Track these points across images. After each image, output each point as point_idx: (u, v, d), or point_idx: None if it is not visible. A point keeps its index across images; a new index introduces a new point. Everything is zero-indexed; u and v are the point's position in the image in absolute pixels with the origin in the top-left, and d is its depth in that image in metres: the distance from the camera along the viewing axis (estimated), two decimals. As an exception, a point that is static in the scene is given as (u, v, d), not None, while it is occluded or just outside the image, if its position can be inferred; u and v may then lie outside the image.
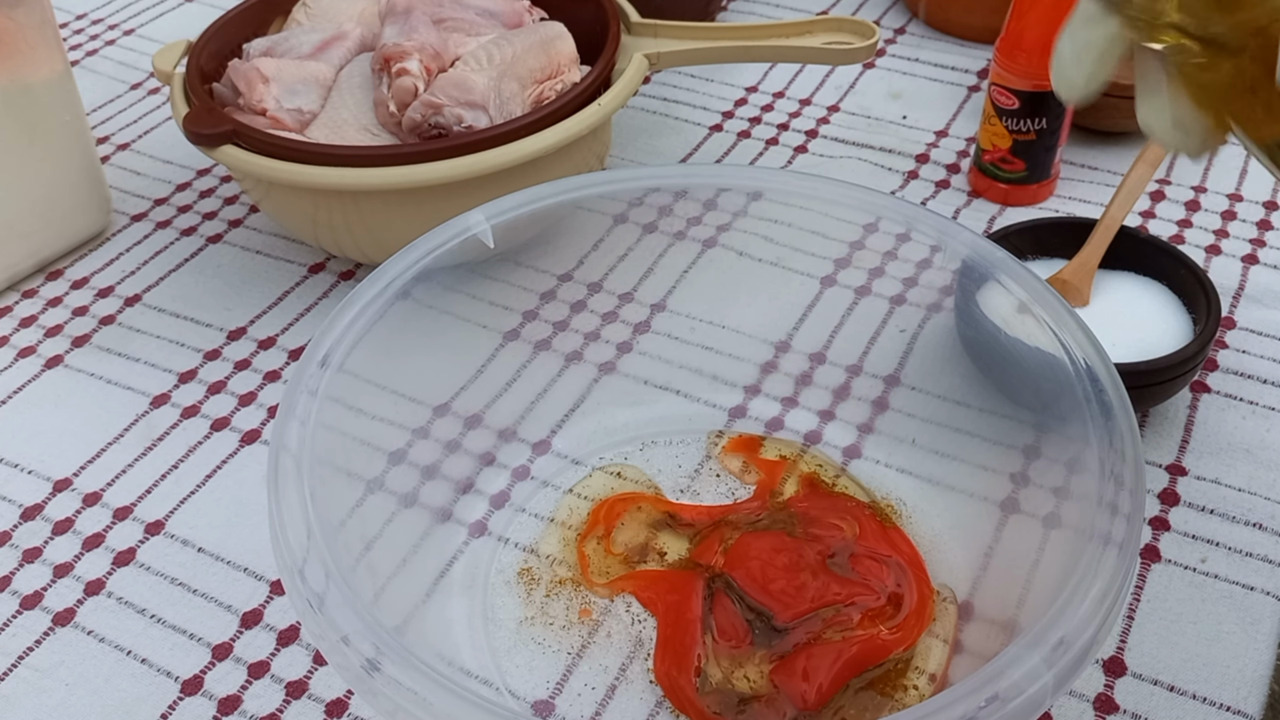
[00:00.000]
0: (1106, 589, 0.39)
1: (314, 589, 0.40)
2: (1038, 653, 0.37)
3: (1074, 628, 0.38)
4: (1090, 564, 0.40)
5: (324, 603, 0.40)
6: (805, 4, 0.99)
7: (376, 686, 0.38)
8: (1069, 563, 0.41)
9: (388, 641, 0.39)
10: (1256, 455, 0.60)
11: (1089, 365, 0.46)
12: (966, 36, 0.93)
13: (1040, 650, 0.37)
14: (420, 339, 0.55)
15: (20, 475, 0.62)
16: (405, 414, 0.57)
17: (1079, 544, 0.41)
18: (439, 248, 0.53)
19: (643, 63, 0.70)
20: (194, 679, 0.53)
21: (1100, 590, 0.39)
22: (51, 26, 0.69)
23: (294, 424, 0.46)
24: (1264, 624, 0.53)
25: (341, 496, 0.49)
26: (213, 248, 0.76)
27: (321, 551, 0.41)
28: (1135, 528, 0.41)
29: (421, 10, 0.73)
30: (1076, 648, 0.38)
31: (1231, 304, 0.69)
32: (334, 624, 0.39)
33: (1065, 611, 0.39)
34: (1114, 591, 0.39)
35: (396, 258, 0.52)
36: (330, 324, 0.49)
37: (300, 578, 0.41)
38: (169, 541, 0.58)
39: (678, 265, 0.69)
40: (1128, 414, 0.45)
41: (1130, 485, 0.42)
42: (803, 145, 0.83)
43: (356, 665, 0.38)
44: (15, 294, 0.73)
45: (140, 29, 1.00)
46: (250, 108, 0.68)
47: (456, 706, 0.37)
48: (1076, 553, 0.41)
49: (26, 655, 0.54)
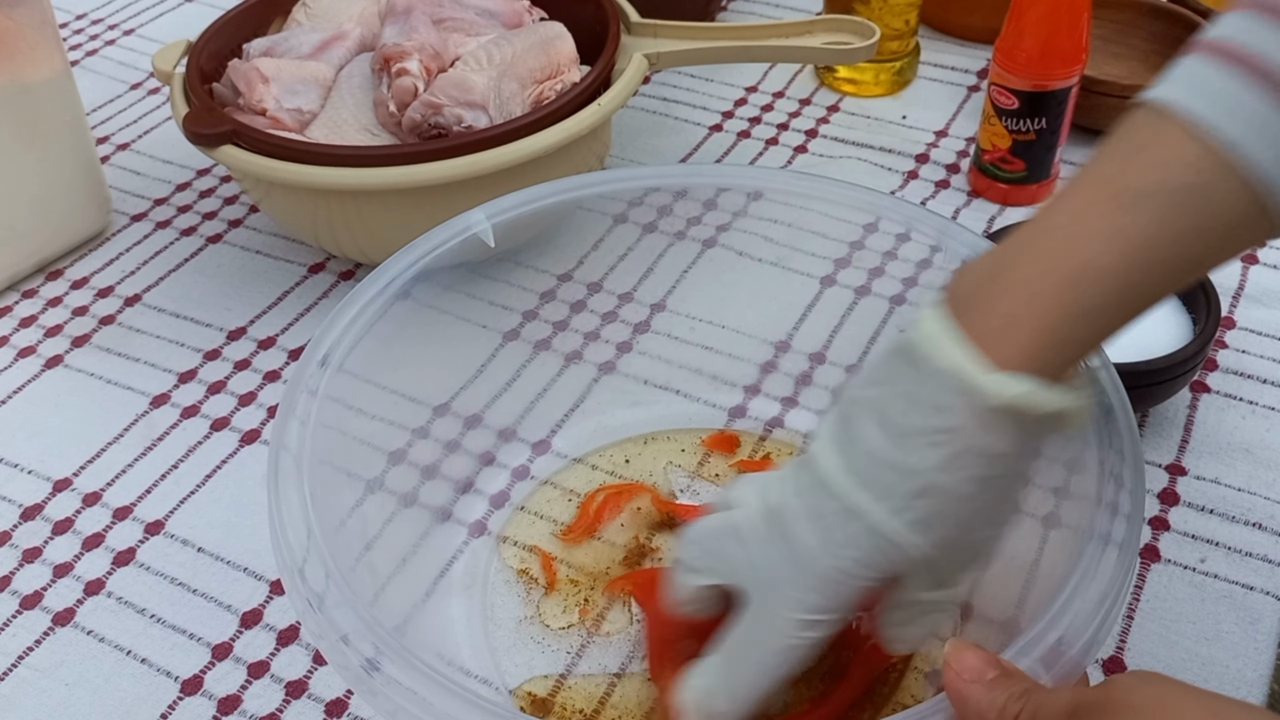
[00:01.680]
0: (1106, 589, 0.39)
1: (314, 589, 0.40)
2: (1036, 653, 0.37)
3: (1073, 628, 0.38)
4: (1090, 564, 0.40)
5: (324, 602, 0.40)
6: (805, 4, 0.99)
7: (376, 686, 0.38)
8: (1069, 563, 0.41)
9: (388, 641, 0.39)
10: (1256, 455, 0.60)
11: (1087, 365, 0.46)
12: (966, 36, 0.93)
13: (1038, 651, 0.38)
14: (420, 339, 0.55)
15: (20, 475, 0.62)
16: (405, 414, 0.57)
17: (1079, 544, 0.41)
18: (439, 247, 0.53)
19: (642, 63, 0.70)
20: (194, 679, 0.53)
21: (1100, 590, 0.39)
22: (51, 26, 0.70)
23: (294, 423, 0.46)
24: (1264, 624, 0.53)
25: (341, 496, 0.49)
26: (213, 248, 0.76)
27: (321, 551, 0.41)
28: (1135, 528, 0.41)
29: (421, 10, 0.73)
30: (1076, 649, 0.38)
31: (1231, 304, 0.69)
32: (334, 624, 0.39)
33: (1064, 612, 0.39)
34: (1114, 592, 0.39)
35: (396, 257, 0.52)
36: (330, 323, 0.50)
37: (300, 577, 0.41)
38: (169, 541, 0.58)
39: (678, 265, 0.69)
40: (1127, 414, 0.45)
41: (1130, 485, 0.42)
42: (803, 145, 0.83)
43: (356, 665, 0.39)
44: (15, 294, 0.73)
45: (140, 29, 1.00)
46: (250, 108, 0.68)
47: (456, 706, 0.37)
48: (1076, 553, 0.41)
49: (26, 655, 0.54)
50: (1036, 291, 0.37)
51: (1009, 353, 0.37)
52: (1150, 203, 0.36)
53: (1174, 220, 0.36)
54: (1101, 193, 0.37)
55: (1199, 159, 0.36)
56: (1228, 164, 0.35)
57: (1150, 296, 0.37)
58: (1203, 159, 0.36)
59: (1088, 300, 0.36)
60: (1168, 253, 0.36)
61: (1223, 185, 0.36)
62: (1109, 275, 0.36)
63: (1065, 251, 0.37)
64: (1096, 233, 0.36)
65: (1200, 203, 0.36)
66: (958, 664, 0.36)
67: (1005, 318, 0.37)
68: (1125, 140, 0.38)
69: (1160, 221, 0.36)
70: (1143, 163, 0.37)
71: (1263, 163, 0.35)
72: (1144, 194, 0.36)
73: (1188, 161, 0.36)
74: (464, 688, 0.38)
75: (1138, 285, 0.37)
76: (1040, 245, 0.37)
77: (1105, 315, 0.37)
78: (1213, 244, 0.37)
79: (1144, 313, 0.38)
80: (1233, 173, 0.35)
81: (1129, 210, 0.36)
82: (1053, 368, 0.37)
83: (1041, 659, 0.37)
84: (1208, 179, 0.36)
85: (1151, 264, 0.36)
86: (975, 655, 0.36)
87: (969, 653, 0.36)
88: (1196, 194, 0.36)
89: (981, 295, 0.38)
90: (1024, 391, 0.36)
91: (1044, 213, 0.38)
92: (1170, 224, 0.36)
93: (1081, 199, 0.37)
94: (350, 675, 0.39)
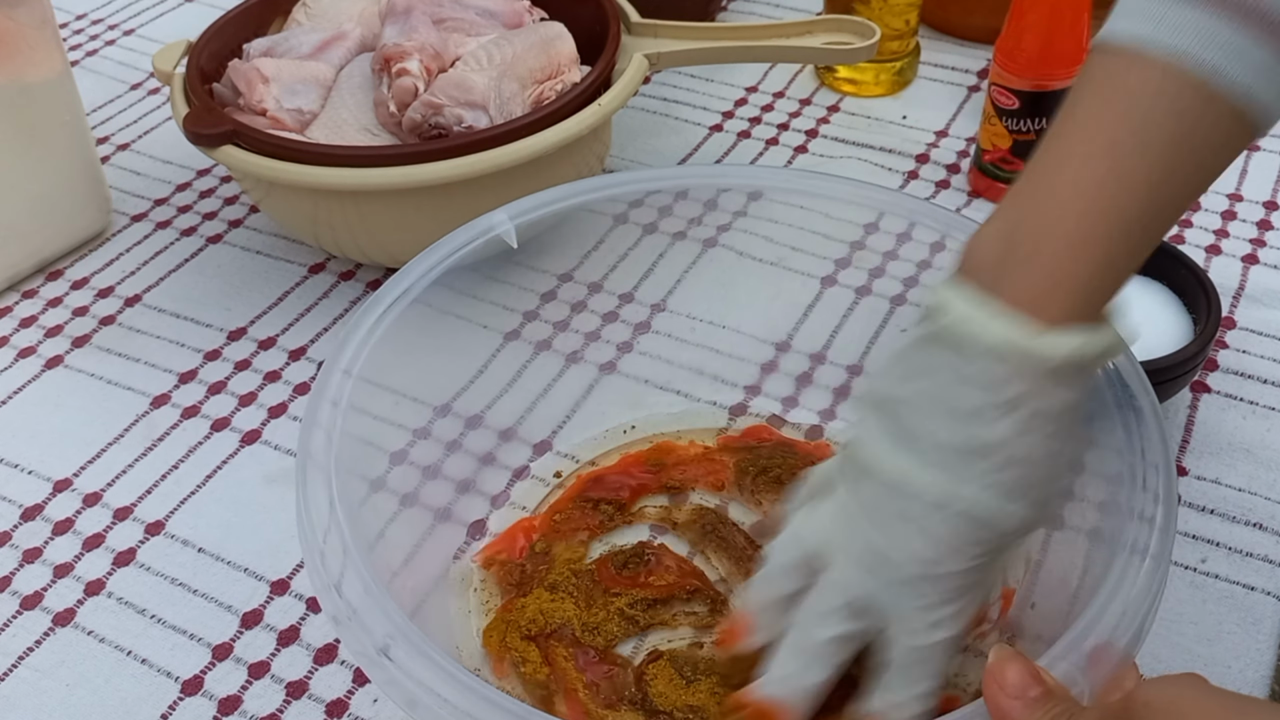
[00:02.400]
0: (1140, 595, 0.39)
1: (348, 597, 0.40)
2: (1072, 658, 0.37)
3: (1106, 635, 0.38)
4: (1126, 571, 0.40)
5: (356, 612, 0.40)
6: (805, 4, 0.99)
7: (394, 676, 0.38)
8: (1100, 572, 0.41)
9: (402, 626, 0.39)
10: (1256, 455, 0.60)
11: (1115, 364, 0.46)
12: (966, 36, 0.93)
13: (1074, 656, 0.38)
14: (421, 339, 0.55)
15: (20, 475, 0.62)
16: (406, 414, 0.57)
17: (1112, 553, 0.41)
18: (464, 246, 0.54)
19: (643, 63, 0.70)
20: (194, 679, 0.53)
21: (1134, 599, 0.39)
22: (51, 26, 0.69)
23: (319, 432, 0.46)
24: (1264, 624, 0.53)
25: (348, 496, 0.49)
26: (213, 248, 0.76)
27: (342, 533, 0.42)
28: (1168, 537, 0.41)
29: (421, 10, 0.73)
30: (1111, 655, 0.38)
31: (1231, 304, 0.69)
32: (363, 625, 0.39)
33: (1097, 619, 0.39)
34: (1149, 598, 0.39)
35: (418, 260, 0.53)
36: (354, 327, 0.50)
37: (320, 558, 0.42)
38: (169, 542, 0.58)
39: (678, 265, 0.69)
40: (1158, 420, 0.45)
41: (1163, 495, 0.42)
42: (803, 145, 0.83)
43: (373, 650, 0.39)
44: (15, 294, 0.73)
45: (140, 29, 1.00)
46: (250, 108, 0.68)
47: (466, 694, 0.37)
48: (1107, 562, 0.41)
49: (26, 655, 0.54)
50: (1068, 250, 0.38)
51: (1055, 312, 0.38)
52: (1152, 146, 0.38)
53: (1175, 157, 0.38)
54: (1099, 143, 0.38)
55: (1187, 95, 0.37)
56: (1211, 94, 0.37)
57: (1166, 224, 0.40)
58: (1189, 93, 0.37)
59: (1117, 248, 0.38)
60: (1176, 185, 0.38)
61: (1212, 114, 0.37)
62: (1131, 220, 0.38)
63: (1084, 208, 0.38)
64: (1108, 184, 0.38)
65: (1195, 136, 0.38)
66: (1000, 676, 0.35)
67: (1045, 279, 0.38)
68: (1108, 82, 0.39)
69: (1163, 162, 0.38)
70: (1134, 107, 0.38)
71: (1243, 82, 0.37)
72: (1144, 138, 0.38)
73: (1175, 97, 0.37)
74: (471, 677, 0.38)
75: (1154, 219, 0.39)
76: (1055, 204, 0.39)
77: (1133, 255, 0.39)
78: (1210, 165, 0.39)
79: (1162, 237, 0.40)
80: (1217, 100, 0.37)
81: (1133, 155, 0.38)
82: (1096, 312, 0.39)
83: (1078, 664, 0.37)
84: (1198, 112, 0.37)
85: (1162, 199, 0.38)
86: (1018, 669, 0.35)
87: (1012, 665, 0.36)
88: (1191, 129, 0.38)
89: (1010, 263, 0.39)
90: (1080, 342, 0.38)
91: (1042, 170, 0.40)
92: (1172, 161, 0.38)
93: (1082, 150, 0.39)
94: (378, 674, 0.39)
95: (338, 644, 0.54)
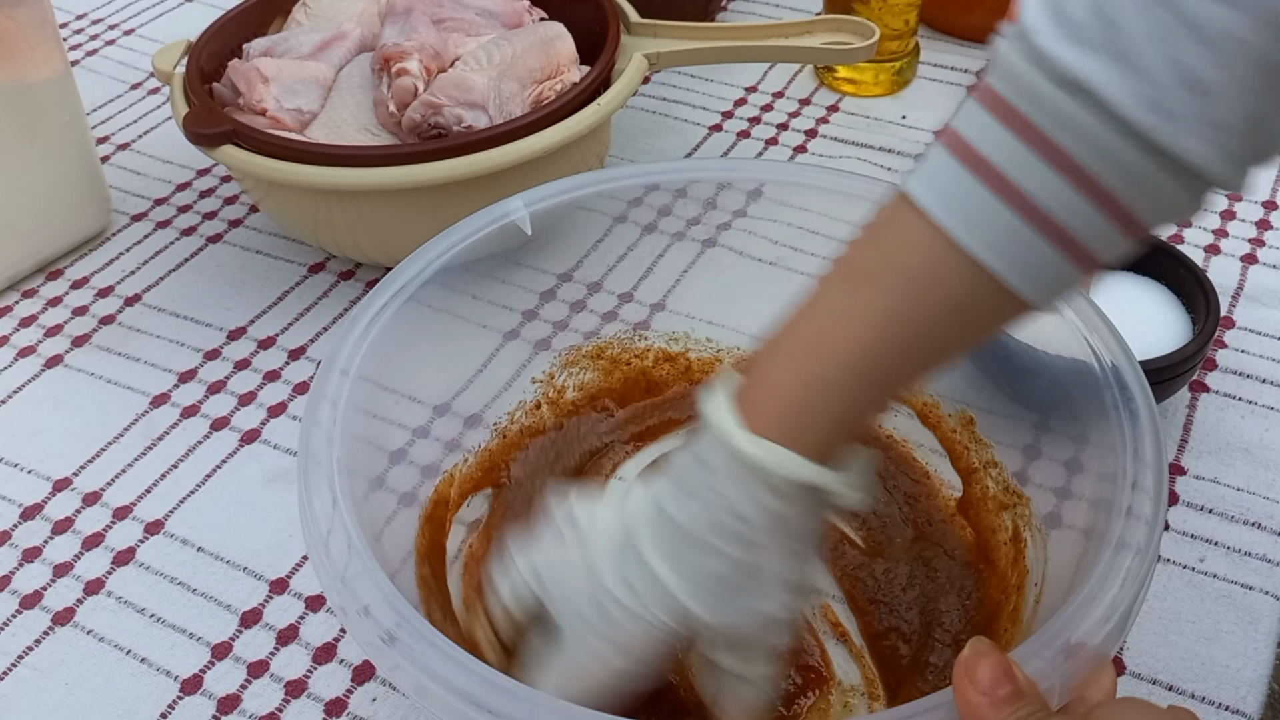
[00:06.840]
0: (1121, 593, 0.39)
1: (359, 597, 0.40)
2: (1047, 654, 0.37)
3: (1084, 631, 0.38)
4: (1106, 568, 0.40)
5: (369, 611, 0.40)
6: (805, 4, 0.99)
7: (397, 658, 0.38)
8: (1087, 566, 0.41)
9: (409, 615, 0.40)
10: (1255, 455, 0.60)
11: (1115, 365, 0.46)
12: (966, 36, 0.93)
13: (1048, 652, 0.37)
14: (420, 338, 0.55)
15: (20, 475, 0.62)
16: (406, 413, 0.57)
17: (1096, 549, 0.41)
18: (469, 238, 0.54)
19: (642, 63, 0.70)
20: (193, 678, 0.53)
21: (1114, 594, 0.39)
22: (51, 26, 0.70)
23: (319, 432, 0.46)
24: (1263, 623, 0.53)
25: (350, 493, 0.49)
26: (213, 248, 0.76)
27: (346, 522, 0.42)
28: (1155, 531, 0.41)
29: (421, 10, 0.73)
30: (1087, 652, 0.38)
31: (1230, 303, 0.69)
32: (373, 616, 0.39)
33: (1077, 614, 0.38)
34: (1130, 596, 0.39)
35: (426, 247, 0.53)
36: (353, 321, 0.50)
37: (325, 551, 0.42)
38: (168, 541, 0.58)
39: (677, 265, 0.69)
40: (1153, 418, 0.45)
41: (1152, 491, 0.42)
42: (802, 145, 0.83)
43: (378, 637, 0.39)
44: (15, 294, 0.73)
45: (140, 29, 1.00)
46: (250, 108, 0.68)
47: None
48: (1094, 556, 0.41)
49: (26, 655, 0.54)
50: (784, 361, 0.39)
51: (758, 417, 0.38)
52: (884, 280, 0.37)
53: (908, 297, 0.37)
54: (846, 269, 0.39)
55: (926, 241, 0.36)
56: (956, 247, 0.36)
57: (900, 374, 0.38)
58: (929, 241, 0.36)
59: (828, 371, 0.38)
60: (910, 330, 0.37)
61: (954, 266, 0.36)
62: (846, 348, 0.37)
63: (808, 323, 0.39)
64: (835, 307, 0.38)
65: (931, 282, 0.36)
66: (971, 671, 0.35)
67: (760, 384, 0.39)
68: (875, 220, 0.39)
69: (893, 297, 0.37)
70: (881, 241, 0.38)
71: (978, 248, 0.35)
72: (877, 270, 0.37)
73: (916, 241, 0.36)
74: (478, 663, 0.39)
75: (879, 361, 0.37)
76: (795, 318, 0.40)
77: (848, 388, 0.38)
78: (957, 323, 0.37)
79: (899, 390, 0.40)
80: (962, 255, 0.36)
81: (864, 286, 0.38)
82: (804, 436, 0.38)
83: (1052, 661, 0.37)
84: (936, 260, 0.36)
85: (890, 340, 0.37)
86: (990, 664, 0.35)
87: (985, 660, 0.35)
88: (926, 274, 0.36)
89: (753, 363, 0.40)
90: (767, 455, 0.37)
91: (812, 287, 0.40)
92: (905, 301, 0.37)
93: (835, 274, 0.39)
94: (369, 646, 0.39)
95: (337, 643, 0.54)
